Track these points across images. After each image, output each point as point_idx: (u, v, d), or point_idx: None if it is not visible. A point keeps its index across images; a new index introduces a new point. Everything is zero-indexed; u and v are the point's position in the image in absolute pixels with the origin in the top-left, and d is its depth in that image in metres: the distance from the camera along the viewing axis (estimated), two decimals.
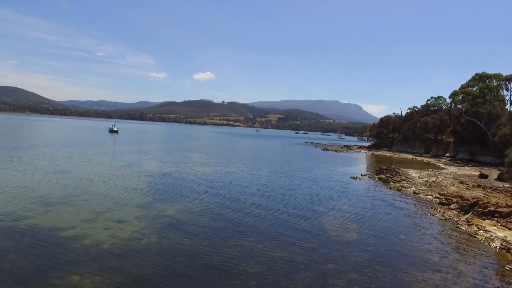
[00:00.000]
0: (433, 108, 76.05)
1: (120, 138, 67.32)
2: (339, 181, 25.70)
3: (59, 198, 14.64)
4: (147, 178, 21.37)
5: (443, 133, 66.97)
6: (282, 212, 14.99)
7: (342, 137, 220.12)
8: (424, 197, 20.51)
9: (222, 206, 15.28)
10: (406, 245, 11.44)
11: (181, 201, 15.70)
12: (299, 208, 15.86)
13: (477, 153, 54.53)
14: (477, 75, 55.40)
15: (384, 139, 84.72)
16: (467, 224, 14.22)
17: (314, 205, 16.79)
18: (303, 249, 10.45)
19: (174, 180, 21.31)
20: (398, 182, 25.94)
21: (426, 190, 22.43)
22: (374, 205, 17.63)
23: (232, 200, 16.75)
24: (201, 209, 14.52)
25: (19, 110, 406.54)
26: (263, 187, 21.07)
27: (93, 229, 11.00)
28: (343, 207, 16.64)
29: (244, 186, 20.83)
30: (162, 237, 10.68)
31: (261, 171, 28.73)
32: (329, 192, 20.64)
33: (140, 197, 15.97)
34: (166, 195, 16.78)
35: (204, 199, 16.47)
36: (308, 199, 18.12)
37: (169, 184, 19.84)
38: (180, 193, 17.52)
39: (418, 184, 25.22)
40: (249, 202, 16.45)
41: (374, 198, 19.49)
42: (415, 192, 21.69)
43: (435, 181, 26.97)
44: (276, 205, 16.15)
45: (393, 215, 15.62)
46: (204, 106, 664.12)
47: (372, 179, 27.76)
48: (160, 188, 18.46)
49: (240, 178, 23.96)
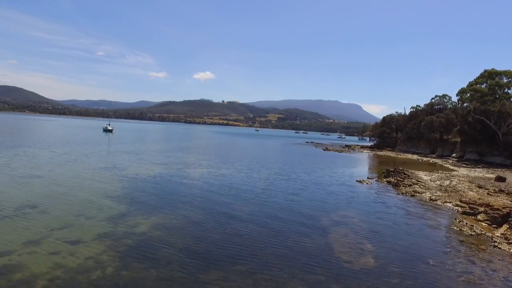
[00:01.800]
0: (438, 106, 73.52)
1: (114, 137, 64.77)
2: (344, 185, 23.19)
3: (10, 210, 12.09)
4: (128, 183, 18.84)
5: (449, 132, 64.44)
6: (282, 228, 12.47)
7: (343, 137, 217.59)
8: (443, 204, 17.99)
9: (209, 220, 12.76)
10: (440, 275, 8.89)
11: (161, 212, 13.17)
12: (301, 222, 13.33)
13: (486, 153, 52.00)
14: (486, 72, 52.84)
15: (387, 138, 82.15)
16: (506, 241, 11.70)
17: (319, 216, 14.27)
18: (306, 284, 7.93)
19: (159, 185, 18.78)
20: (410, 186, 23.43)
21: (443, 196, 19.90)
22: (388, 215, 15.11)
23: (223, 210, 14.22)
24: (182, 224, 11.99)
25: (18, 110, 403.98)
26: (260, 193, 18.55)
27: (35, 255, 8.48)
28: (353, 219, 14.11)
29: (238, 192, 18.30)
30: (122, 268, 8.13)
31: (259, 173, 26.20)
32: (335, 199, 18.12)
33: (112, 208, 13.44)
34: (144, 205, 14.25)
35: (189, 210, 13.95)
36: (311, 209, 15.60)
37: (152, 190, 17.30)
38: (162, 202, 15.00)
39: (432, 189, 22.69)
40: (242, 214, 13.92)
41: (386, 206, 16.97)
42: (431, 199, 19.17)
43: (449, 185, 24.45)
44: (275, 218, 13.62)
45: (413, 230, 13.10)
46: (203, 105, 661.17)
47: (380, 183, 25.26)
48: (139, 196, 15.93)
49: (235, 182, 21.43)
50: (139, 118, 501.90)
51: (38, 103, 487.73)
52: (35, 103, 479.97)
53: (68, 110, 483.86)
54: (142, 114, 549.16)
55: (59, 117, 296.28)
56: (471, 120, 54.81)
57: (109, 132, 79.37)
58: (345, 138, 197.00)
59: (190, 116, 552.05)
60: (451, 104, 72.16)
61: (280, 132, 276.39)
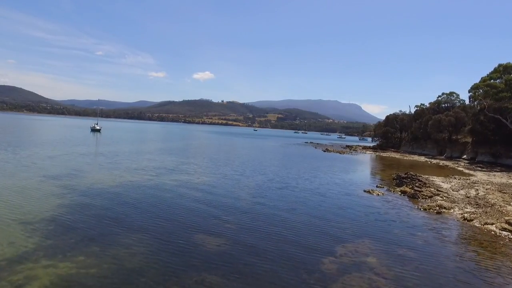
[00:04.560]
0: (445, 105, 69.34)
1: (100, 137, 60.56)
2: (351, 196, 18.95)
3: None
4: (72, 198, 14.55)
5: (459, 132, 60.22)
6: (275, 271, 8.24)
7: (343, 137, 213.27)
8: (482, 226, 13.73)
9: (158, 264, 8.52)
10: None
11: (89, 250, 8.93)
12: (303, 258, 9.10)
13: (501, 155, 47.80)
14: (500, 66, 48.54)
15: (390, 139, 77.88)
16: None
17: (326, 248, 10.03)
18: None
19: (113, 201, 14.49)
20: (431, 198, 19.21)
21: (477, 213, 15.66)
22: (416, 248, 10.88)
23: (184, 249, 9.98)
24: (119, 268, 7.74)
25: (16, 109, 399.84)
26: (247, 210, 14.30)
27: None
28: (370, 259, 9.87)
29: (216, 211, 14.06)
30: None
31: (250, 180, 21.94)
32: (341, 221, 13.86)
33: (23, 240, 9.19)
34: (72, 234, 9.99)
35: (135, 244, 9.70)
36: (310, 236, 11.37)
37: (96, 211, 13.02)
38: (102, 229, 10.74)
39: (459, 202, 18.45)
40: (213, 254, 9.68)
41: (409, 230, 12.73)
42: (465, 218, 14.90)
43: (478, 196, 20.21)
44: (266, 252, 9.39)
45: (464, 276, 8.86)
46: (203, 105, 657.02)
47: (393, 193, 21.02)
48: (74, 219, 11.63)
49: (218, 194, 17.17)
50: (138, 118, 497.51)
51: (36, 103, 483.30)
52: (34, 103, 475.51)
53: (67, 110, 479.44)
54: (141, 114, 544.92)
55: (56, 117, 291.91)
56: (483, 119, 50.64)
57: (97, 132, 75.14)
58: (345, 138, 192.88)
59: (189, 116, 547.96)
60: (459, 102, 68.00)
61: (279, 132, 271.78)
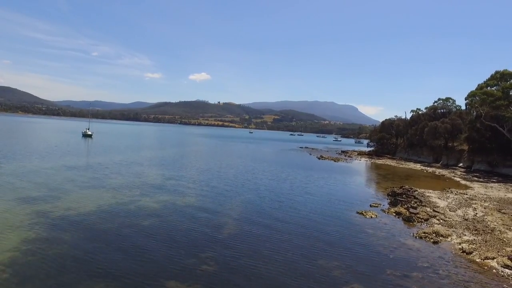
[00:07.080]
0: (441, 110, 68.51)
1: (92, 144, 58.92)
2: (341, 221, 17.64)
3: None
4: (43, 229, 13.03)
5: (455, 139, 59.32)
6: None
7: (338, 140, 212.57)
8: (482, 262, 12.48)
9: None
10: None
11: None
12: None
13: (498, 164, 46.90)
14: (497, 73, 47.60)
15: (386, 145, 76.84)
16: None
17: None
18: None
19: (88, 233, 13.01)
20: (427, 222, 17.99)
21: (477, 243, 14.43)
22: None
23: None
24: None
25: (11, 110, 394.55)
26: (230, 243, 12.92)
27: None
28: None
29: (201, 242, 12.68)
30: None
31: (242, 199, 20.56)
32: (331, 261, 12.55)
33: None
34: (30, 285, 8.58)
35: None
36: (298, 277, 10.03)
37: (68, 250, 11.51)
38: (62, 277, 9.30)
39: (457, 226, 17.21)
40: None
41: (403, 270, 11.40)
42: (463, 250, 13.61)
43: (476, 218, 19.02)
44: None
45: None
46: (199, 106, 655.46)
47: (387, 214, 19.77)
48: (38, 264, 10.14)
49: (203, 223, 15.79)
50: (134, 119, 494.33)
51: (31, 104, 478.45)
52: (29, 104, 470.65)
53: (62, 111, 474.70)
54: (137, 115, 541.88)
55: (50, 119, 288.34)
56: (480, 127, 49.75)
57: (88, 138, 72.92)
58: (341, 141, 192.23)
59: (185, 117, 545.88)
60: (455, 107, 67.24)
61: (275, 135, 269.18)
